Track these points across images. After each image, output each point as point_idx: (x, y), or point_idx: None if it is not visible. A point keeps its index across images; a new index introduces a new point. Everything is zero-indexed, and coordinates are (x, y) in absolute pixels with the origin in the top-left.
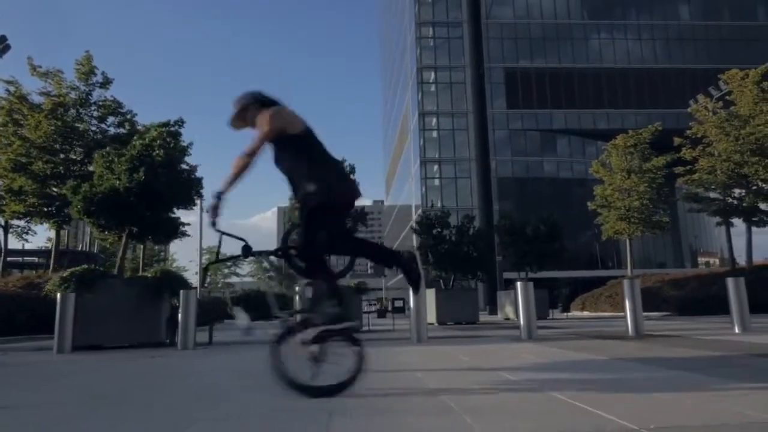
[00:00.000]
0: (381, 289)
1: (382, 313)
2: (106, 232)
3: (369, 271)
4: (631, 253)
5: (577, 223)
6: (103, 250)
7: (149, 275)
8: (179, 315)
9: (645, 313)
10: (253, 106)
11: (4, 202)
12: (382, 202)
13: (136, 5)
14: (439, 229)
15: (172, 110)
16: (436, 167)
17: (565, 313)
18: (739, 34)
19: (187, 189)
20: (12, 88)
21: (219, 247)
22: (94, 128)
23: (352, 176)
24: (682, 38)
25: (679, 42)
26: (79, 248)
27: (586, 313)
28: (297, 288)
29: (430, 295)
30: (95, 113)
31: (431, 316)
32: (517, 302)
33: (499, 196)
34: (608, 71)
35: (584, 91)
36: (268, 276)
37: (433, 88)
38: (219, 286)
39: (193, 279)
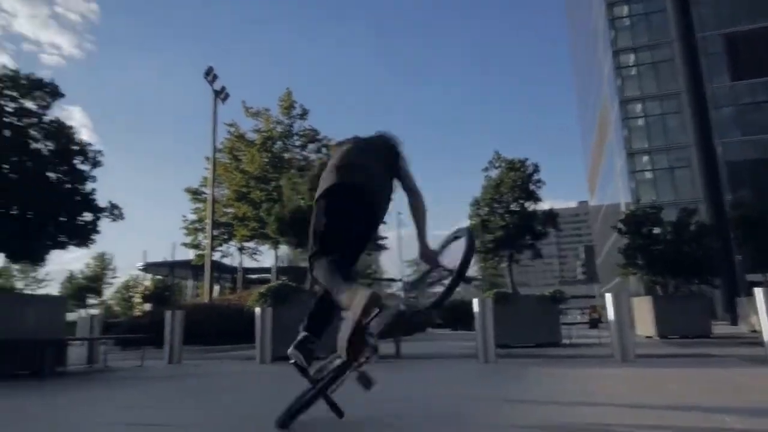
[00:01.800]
0: (594, 297)
1: (594, 324)
2: (299, 249)
3: (579, 277)
4: None
5: None
6: None
7: None
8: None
9: None
10: None
11: (234, 228)
12: (587, 202)
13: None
14: (650, 228)
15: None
16: (645, 158)
17: None
18: None
19: None
20: (232, 129)
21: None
22: (298, 156)
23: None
24: None
25: None
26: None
27: None
28: None
29: (645, 303)
30: (297, 142)
31: (648, 328)
32: (759, 314)
33: (730, 185)
34: None
35: None
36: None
37: (633, 71)
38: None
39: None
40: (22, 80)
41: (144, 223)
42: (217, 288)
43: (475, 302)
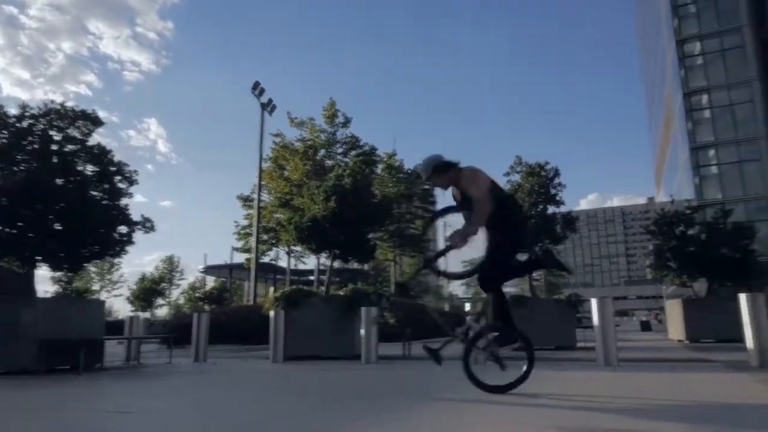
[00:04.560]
0: (661, 297)
1: (646, 326)
2: (323, 255)
3: (648, 276)
4: None
5: None
6: (374, 267)
7: (342, 293)
8: (361, 330)
9: None
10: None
11: (279, 233)
12: (652, 198)
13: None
14: (682, 228)
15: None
16: (711, 152)
17: None
18: None
19: (380, 213)
20: (278, 140)
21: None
22: (340, 163)
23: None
24: None
25: None
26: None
27: None
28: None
29: (676, 307)
30: (339, 150)
31: (679, 332)
32: (743, 320)
33: None
34: None
35: None
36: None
37: (700, 60)
38: (482, 295)
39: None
40: (69, 112)
41: (210, 227)
42: (272, 290)
43: (467, 306)
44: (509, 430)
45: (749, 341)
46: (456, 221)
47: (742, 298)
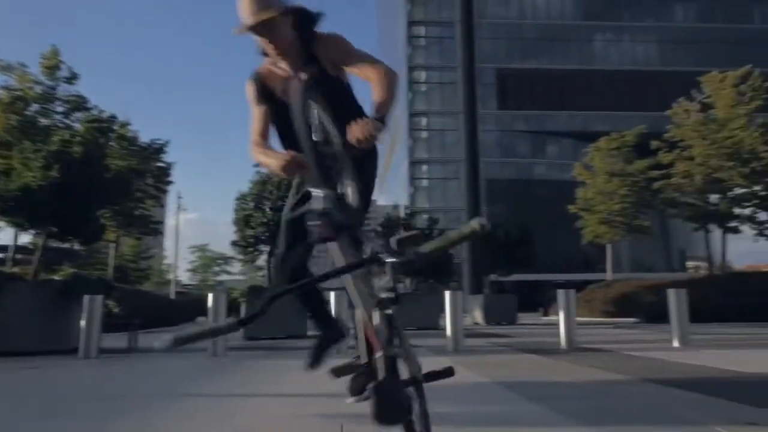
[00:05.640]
0: None
1: None
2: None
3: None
4: (612, 258)
5: (568, 226)
6: (87, 248)
7: (58, 278)
8: (82, 321)
9: (616, 320)
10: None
11: None
12: (375, 201)
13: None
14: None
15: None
16: (425, 168)
17: (546, 318)
18: (733, 36)
19: (115, 188)
20: None
21: None
22: (60, 124)
23: None
24: (675, 41)
25: (672, 44)
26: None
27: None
28: None
29: None
30: (59, 108)
31: None
32: (446, 312)
33: (488, 198)
34: (602, 73)
35: (578, 93)
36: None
37: (424, 87)
38: (209, 283)
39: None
40: None
41: None
42: None
43: (210, 297)
44: (255, 422)
45: (449, 330)
46: None
47: (447, 294)
